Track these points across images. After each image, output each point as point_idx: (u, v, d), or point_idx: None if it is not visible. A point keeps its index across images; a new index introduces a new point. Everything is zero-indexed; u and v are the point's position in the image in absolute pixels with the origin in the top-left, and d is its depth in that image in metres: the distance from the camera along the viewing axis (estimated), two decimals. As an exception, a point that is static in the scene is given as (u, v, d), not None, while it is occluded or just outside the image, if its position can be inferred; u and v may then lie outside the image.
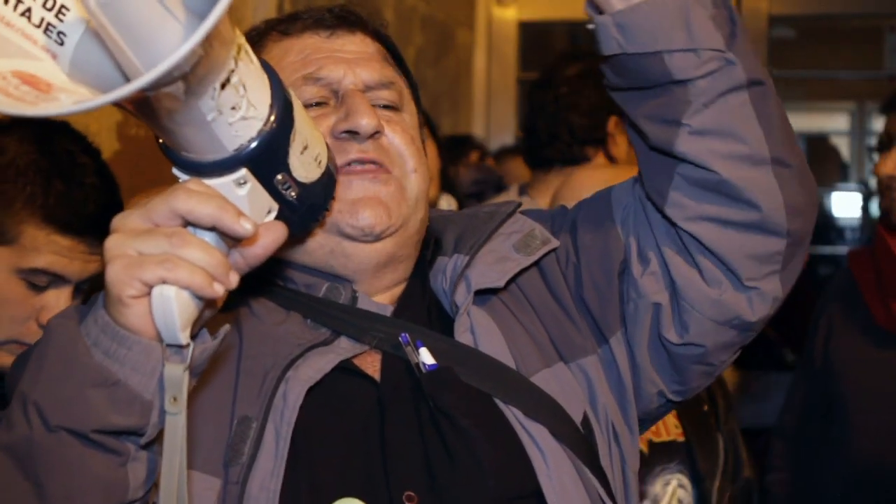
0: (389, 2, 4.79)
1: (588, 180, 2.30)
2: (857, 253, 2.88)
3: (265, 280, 1.39)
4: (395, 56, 1.48)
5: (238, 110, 1.07)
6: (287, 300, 1.36)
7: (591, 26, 1.32)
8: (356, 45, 1.42)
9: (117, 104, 1.00)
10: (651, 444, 2.20)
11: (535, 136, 2.88)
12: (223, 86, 1.04)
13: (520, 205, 1.49)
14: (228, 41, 1.03)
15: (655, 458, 2.19)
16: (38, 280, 1.71)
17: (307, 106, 1.36)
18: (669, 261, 1.39)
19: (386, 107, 1.41)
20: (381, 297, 1.40)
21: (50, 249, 1.70)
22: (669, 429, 2.23)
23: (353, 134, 1.35)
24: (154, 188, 2.48)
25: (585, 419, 1.36)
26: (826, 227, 6.90)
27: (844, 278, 2.74)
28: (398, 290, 1.42)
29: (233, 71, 1.05)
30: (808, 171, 1.38)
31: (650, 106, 1.33)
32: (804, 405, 2.67)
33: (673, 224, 1.38)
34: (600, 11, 1.32)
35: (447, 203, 3.81)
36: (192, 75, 0.99)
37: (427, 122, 3.37)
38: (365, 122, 1.34)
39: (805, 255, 1.42)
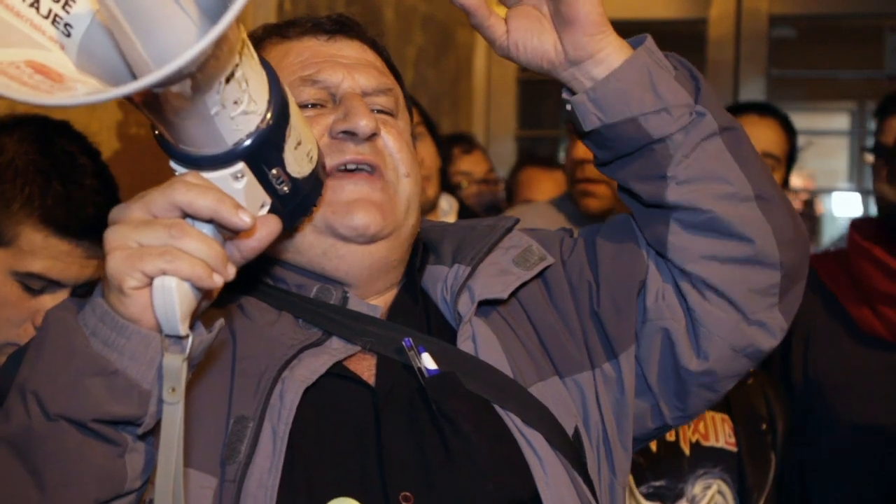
0: (390, 1, 4.79)
1: None
2: (822, 258, 2.80)
3: (257, 280, 1.40)
4: (390, 66, 1.50)
5: (240, 104, 1.08)
6: (278, 300, 1.37)
7: (568, 107, 1.42)
8: (354, 50, 1.45)
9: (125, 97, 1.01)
10: (696, 445, 2.22)
11: None
12: (227, 80, 1.05)
13: (518, 220, 1.53)
14: (235, 39, 1.04)
15: (699, 461, 2.22)
16: (34, 284, 1.70)
17: (304, 106, 1.38)
18: (686, 293, 1.44)
19: (382, 111, 1.43)
20: (373, 301, 1.42)
21: (47, 253, 1.68)
22: (720, 436, 2.25)
23: (350, 135, 1.36)
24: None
25: (576, 433, 1.39)
26: (827, 227, 6.89)
27: (810, 286, 2.67)
28: (390, 295, 1.44)
29: (237, 65, 1.06)
30: (789, 204, 1.46)
31: (636, 167, 1.41)
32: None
33: (679, 269, 1.44)
34: (573, 93, 1.41)
35: (447, 203, 3.81)
36: (201, 73, 1.00)
37: (427, 122, 3.36)
38: (363, 124, 1.35)
39: (802, 290, 1.51)
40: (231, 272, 1.07)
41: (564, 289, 1.49)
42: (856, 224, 2.67)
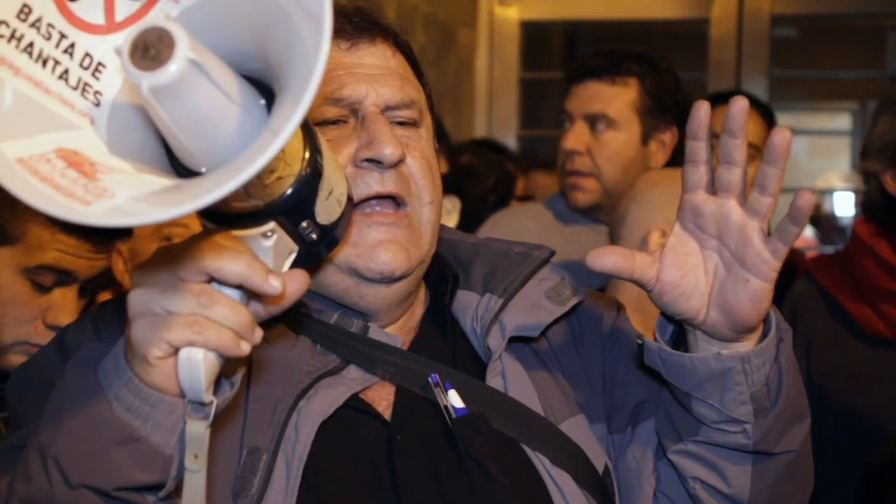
0: (391, 1, 4.79)
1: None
2: (820, 262, 2.79)
3: None
4: (412, 63, 1.46)
5: (275, 172, 1.05)
6: (297, 323, 1.35)
7: (638, 340, 1.34)
8: (377, 58, 1.39)
9: None
10: None
11: None
12: None
13: (553, 252, 1.49)
14: None
15: None
16: (44, 279, 1.70)
17: (326, 123, 1.35)
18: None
19: (405, 122, 1.39)
20: (392, 329, 1.40)
21: (56, 247, 1.69)
22: None
23: (375, 162, 1.33)
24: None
25: (606, 470, 1.38)
26: (828, 227, 6.89)
27: (809, 290, 2.67)
28: (408, 321, 1.43)
29: None
30: None
31: (668, 398, 1.37)
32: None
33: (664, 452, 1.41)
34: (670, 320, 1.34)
35: (450, 203, 3.81)
36: None
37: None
38: (389, 152, 1.32)
39: None
40: (258, 336, 1.04)
41: (596, 336, 1.48)
42: (860, 221, 2.67)
